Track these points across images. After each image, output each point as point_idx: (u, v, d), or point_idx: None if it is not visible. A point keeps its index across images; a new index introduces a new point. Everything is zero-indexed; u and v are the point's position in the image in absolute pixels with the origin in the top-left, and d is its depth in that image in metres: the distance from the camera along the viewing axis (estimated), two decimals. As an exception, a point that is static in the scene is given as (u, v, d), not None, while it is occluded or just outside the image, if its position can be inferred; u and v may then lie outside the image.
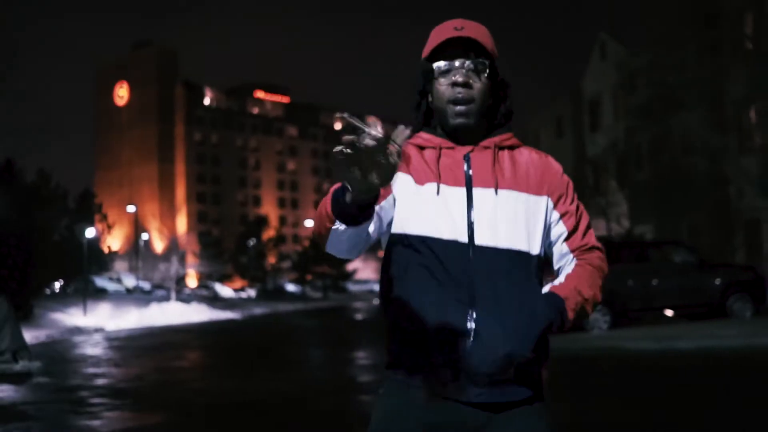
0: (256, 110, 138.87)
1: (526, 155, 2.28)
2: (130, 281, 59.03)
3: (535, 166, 2.26)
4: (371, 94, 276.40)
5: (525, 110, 67.91)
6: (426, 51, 2.27)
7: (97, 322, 31.31)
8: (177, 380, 13.28)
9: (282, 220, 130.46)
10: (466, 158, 2.23)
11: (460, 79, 2.19)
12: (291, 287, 77.59)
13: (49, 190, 42.99)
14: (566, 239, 2.27)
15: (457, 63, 2.22)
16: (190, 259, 59.28)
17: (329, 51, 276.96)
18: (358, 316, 37.86)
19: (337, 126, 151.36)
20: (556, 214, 2.25)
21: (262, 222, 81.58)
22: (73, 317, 32.09)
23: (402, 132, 1.78)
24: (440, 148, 2.24)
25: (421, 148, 2.26)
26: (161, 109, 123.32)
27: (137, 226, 75.12)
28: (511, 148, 2.28)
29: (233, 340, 23.86)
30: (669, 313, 19.05)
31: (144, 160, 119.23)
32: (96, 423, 8.76)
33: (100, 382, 12.58)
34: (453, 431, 2.09)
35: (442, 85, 2.22)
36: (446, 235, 2.12)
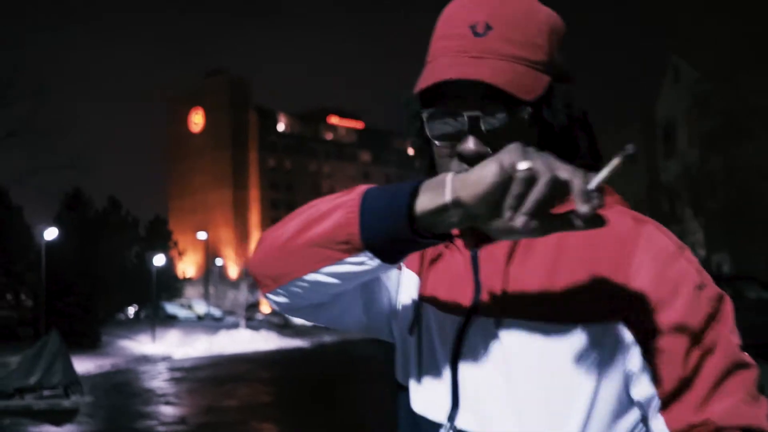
0: (329, 136, 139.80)
1: (599, 232, 1.02)
2: (201, 308, 59.31)
3: (605, 253, 1.14)
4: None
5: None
6: (417, 85, 1.22)
7: (165, 350, 31.47)
8: (219, 424, 13.04)
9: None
10: (474, 258, 1.25)
11: (467, 149, 1.17)
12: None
13: (120, 217, 43.47)
14: (662, 408, 1.12)
15: (458, 120, 1.18)
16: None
17: (404, 74, 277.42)
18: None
19: (410, 151, 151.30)
20: (637, 352, 1.12)
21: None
22: (141, 345, 32.34)
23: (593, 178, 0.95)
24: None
25: None
26: (234, 135, 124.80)
27: (208, 252, 75.78)
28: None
29: (294, 373, 23.46)
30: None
31: (218, 186, 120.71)
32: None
33: (141, 425, 12.41)
34: None
35: (441, 149, 1.23)
36: (422, 408, 1.27)
